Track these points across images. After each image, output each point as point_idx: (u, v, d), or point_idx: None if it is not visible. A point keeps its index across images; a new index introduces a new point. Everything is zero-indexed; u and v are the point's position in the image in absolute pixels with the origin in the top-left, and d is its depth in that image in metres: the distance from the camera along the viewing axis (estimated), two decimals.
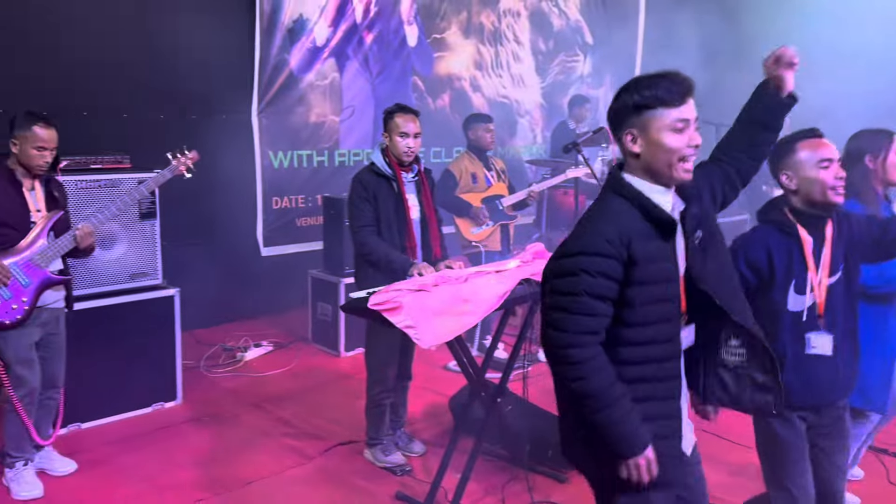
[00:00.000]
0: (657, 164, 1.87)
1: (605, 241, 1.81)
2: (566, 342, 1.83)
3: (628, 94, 1.87)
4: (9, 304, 3.15)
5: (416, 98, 6.91)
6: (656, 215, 1.86)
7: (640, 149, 1.88)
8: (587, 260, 1.81)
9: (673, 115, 1.83)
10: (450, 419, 4.03)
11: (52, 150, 3.21)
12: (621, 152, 1.94)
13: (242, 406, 4.37)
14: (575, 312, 1.82)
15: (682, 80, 1.86)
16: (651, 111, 1.84)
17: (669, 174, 1.87)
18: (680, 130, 1.84)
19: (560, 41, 8.36)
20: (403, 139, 3.46)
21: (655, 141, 1.85)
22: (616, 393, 1.83)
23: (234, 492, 3.37)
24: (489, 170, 5.19)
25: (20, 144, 3.15)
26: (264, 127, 5.89)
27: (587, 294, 1.81)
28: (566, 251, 1.88)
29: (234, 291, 5.79)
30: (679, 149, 1.84)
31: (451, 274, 3.13)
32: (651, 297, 1.86)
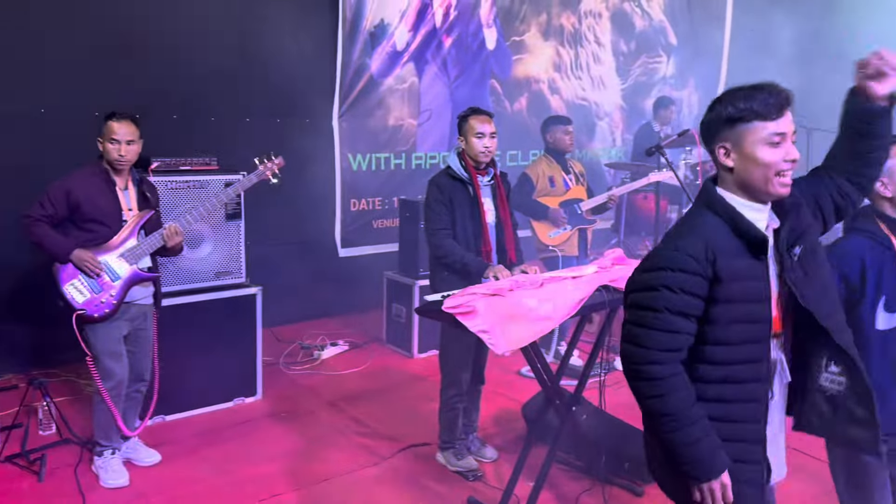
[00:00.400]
0: (752, 179, 1.79)
1: (688, 257, 1.75)
2: (644, 359, 1.79)
3: (722, 106, 1.80)
4: (98, 298, 3.31)
5: (494, 101, 6.90)
6: (747, 232, 1.79)
7: (733, 163, 1.80)
8: (669, 276, 1.76)
9: (769, 129, 1.75)
10: (522, 425, 3.99)
11: (126, 143, 3.30)
12: (715, 165, 1.87)
13: (318, 404, 4.45)
14: (655, 328, 1.78)
15: (780, 91, 1.77)
16: (745, 124, 1.77)
17: (765, 189, 1.79)
18: (776, 144, 1.76)
19: (642, 42, 8.18)
20: (480, 139, 3.45)
21: (750, 155, 1.77)
22: (693, 414, 1.77)
23: (309, 488, 3.43)
24: (567, 173, 5.11)
25: (102, 141, 3.31)
26: (344, 130, 6.00)
27: (668, 311, 1.76)
28: (649, 265, 1.83)
29: (313, 291, 5.91)
30: (775, 163, 1.76)
31: (527, 279, 3.09)
32: (737, 316, 1.78)
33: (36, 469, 3.43)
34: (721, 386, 1.81)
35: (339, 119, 5.96)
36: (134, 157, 3.37)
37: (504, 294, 2.89)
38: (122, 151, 3.30)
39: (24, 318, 4.67)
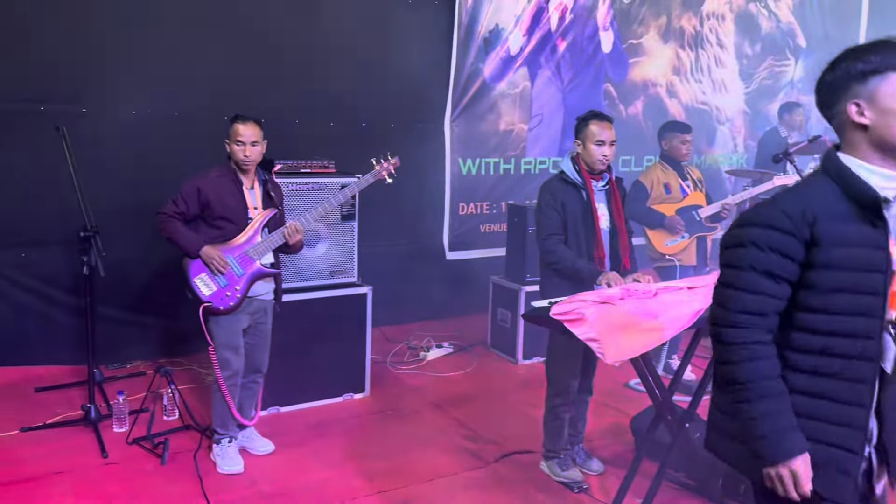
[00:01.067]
0: (891, 134, 1.65)
1: (782, 214, 1.65)
2: (725, 320, 1.71)
3: (849, 62, 1.69)
4: (224, 291, 3.48)
5: (608, 105, 6.76)
6: (859, 194, 1.65)
7: (868, 120, 1.67)
8: (758, 232, 1.67)
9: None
10: (630, 439, 3.87)
11: (251, 145, 3.45)
12: (837, 129, 1.75)
13: (423, 404, 4.50)
14: (738, 288, 1.69)
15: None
16: (880, 76, 1.64)
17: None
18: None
19: (768, 44, 7.78)
20: (599, 147, 3.37)
21: (889, 108, 1.64)
22: (770, 387, 1.65)
23: (414, 487, 3.47)
24: (684, 179, 4.92)
25: (228, 142, 3.48)
26: (456, 135, 6.05)
27: (753, 269, 1.66)
28: (742, 220, 1.74)
29: (420, 292, 6.00)
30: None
31: (640, 287, 3.00)
32: (840, 285, 1.64)
33: (159, 452, 3.65)
34: (818, 358, 1.68)
35: (451, 124, 6.01)
36: (258, 158, 3.53)
37: (615, 302, 2.82)
38: (246, 152, 3.46)
39: (154, 310, 5.00)
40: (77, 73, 4.56)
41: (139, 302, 4.97)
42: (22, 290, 4.64)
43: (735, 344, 1.68)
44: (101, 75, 4.60)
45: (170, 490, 3.36)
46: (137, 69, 4.65)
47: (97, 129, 4.59)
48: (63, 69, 4.52)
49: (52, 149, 4.12)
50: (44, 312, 4.71)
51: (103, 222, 4.03)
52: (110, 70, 4.61)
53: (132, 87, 4.66)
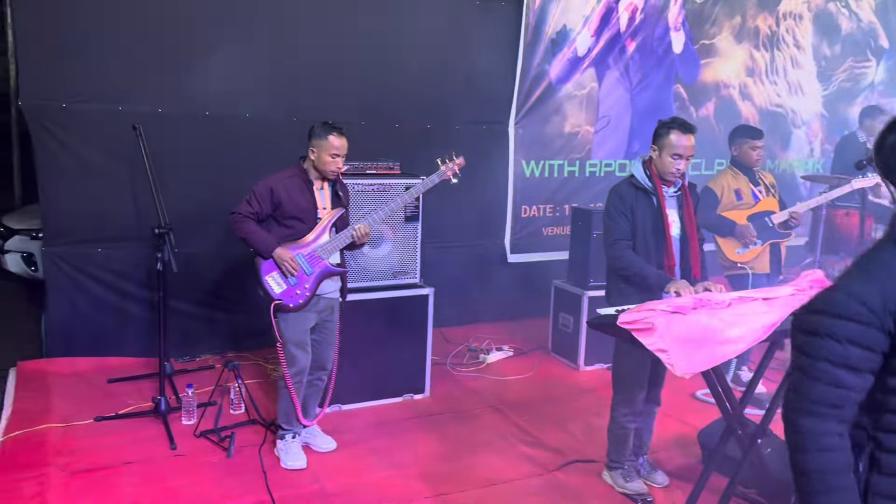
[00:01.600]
0: None
1: (859, 305, 1.51)
2: (798, 407, 1.58)
3: None
4: (294, 289, 3.54)
5: (678, 106, 6.59)
6: None
7: None
8: (834, 324, 1.53)
9: None
10: (696, 452, 3.76)
11: (343, 157, 3.55)
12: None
13: (483, 407, 4.47)
14: (814, 379, 1.56)
15: None
16: None
17: None
18: None
19: (848, 45, 7.45)
20: (675, 160, 3.26)
21: None
22: (840, 482, 1.54)
23: (474, 491, 3.45)
24: (756, 185, 4.75)
25: (317, 151, 3.52)
26: (520, 137, 6.00)
27: (829, 362, 1.54)
28: (816, 306, 1.60)
29: (481, 294, 5.98)
30: None
31: (712, 297, 2.90)
32: None
33: (226, 445, 3.73)
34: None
35: (516, 126, 5.96)
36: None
37: (686, 312, 2.73)
38: (340, 165, 3.54)
39: (224, 305, 5.13)
40: (154, 73, 4.70)
41: (209, 297, 5.10)
42: (99, 285, 4.82)
43: (807, 433, 1.58)
44: (177, 75, 4.74)
45: (235, 483, 3.43)
46: (212, 70, 4.76)
47: (173, 129, 4.72)
48: (140, 69, 4.67)
49: (130, 148, 4.27)
50: (118, 306, 4.88)
51: (177, 220, 4.15)
52: (186, 70, 4.74)
53: (206, 88, 4.78)
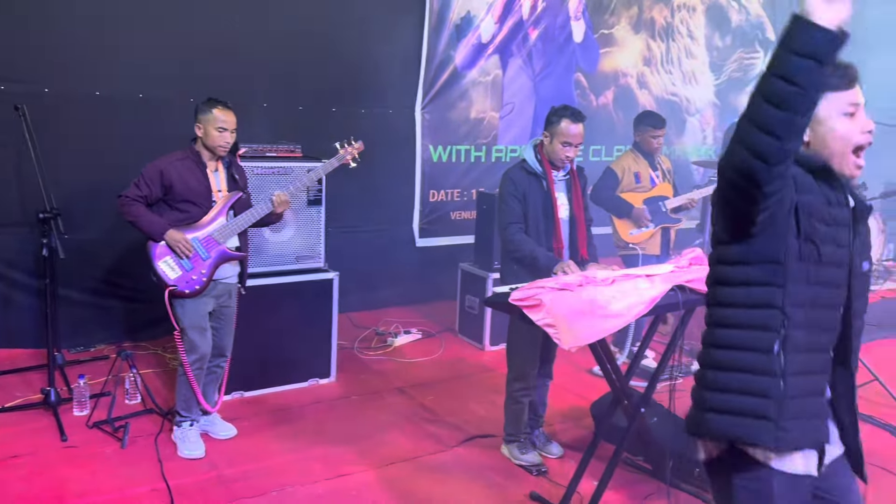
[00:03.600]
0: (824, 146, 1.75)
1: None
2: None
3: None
4: (189, 275, 3.47)
5: (579, 95, 6.80)
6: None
7: (807, 137, 1.74)
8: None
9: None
10: (590, 424, 3.93)
11: (231, 132, 3.48)
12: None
13: (389, 389, 4.53)
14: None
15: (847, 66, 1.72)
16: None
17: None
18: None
19: (738, 37, 7.86)
20: (565, 147, 3.39)
21: (822, 120, 1.73)
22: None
23: (375, 470, 3.50)
24: (654, 169, 4.97)
25: (204, 127, 3.46)
26: (427, 122, 6.05)
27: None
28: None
29: (390, 279, 6.02)
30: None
31: (598, 275, 3.04)
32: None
33: (120, 436, 3.63)
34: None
35: (422, 110, 6.01)
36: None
37: (573, 289, 2.85)
38: (227, 138, 3.47)
39: (119, 293, 4.96)
40: (38, 51, 4.48)
41: (104, 285, 4.92)
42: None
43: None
44: (64, 55, 4.53)
45: (129, 473, 3.35)
46: (101, 50, 4.58)
47: (59, 110, 4.52)
48: (24, 48, 4.44)
49: (13, 129, 4.06)
50: (5, 295, 4.65)
51: (66, 204, 3.99)
52: (73, 49, 4.55)
53: (95, 68, 4.60)
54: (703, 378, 1.81)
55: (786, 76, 1.45)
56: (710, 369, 1.79)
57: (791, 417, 1.69)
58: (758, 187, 1.53)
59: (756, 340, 1.71)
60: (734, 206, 1.65)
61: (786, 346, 1.68)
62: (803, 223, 1.66)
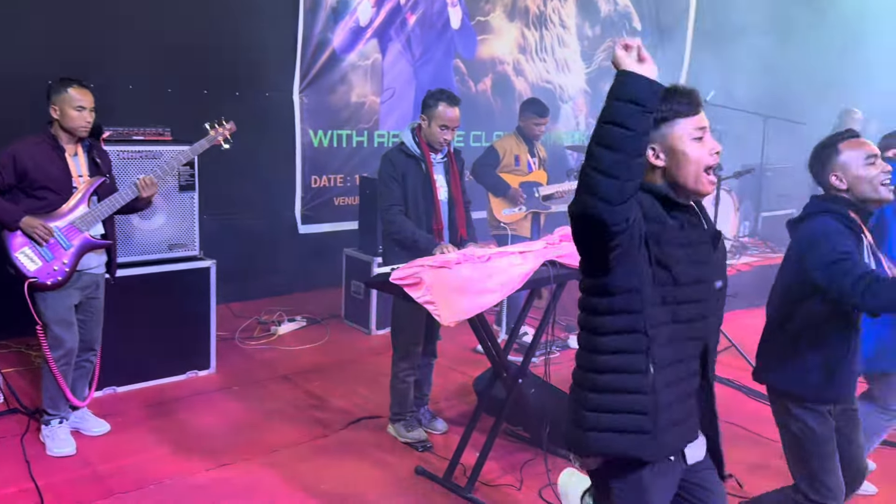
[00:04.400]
0: (680, 174, 1.86)
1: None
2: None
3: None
4: (50, 265, 3.27)
5: (458, 81, 6.91)
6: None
7: (662, 162, 1.86)
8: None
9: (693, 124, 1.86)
10: (474, 400, 4.05)
11: (90, 111, 3.30)
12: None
13: (273, 378, 4.46)
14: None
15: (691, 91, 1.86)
16: (667, 123, 1.84)
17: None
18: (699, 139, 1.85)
19: (607, 26, 8.24)
20: (443, 131, 3.46)
21: (676, 150, 1.85)
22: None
23: (258, 458, 3.46)
24: (533, 156, 5.16)
25: (59, 107, 3.26)
26: (305, 105, 5.97)
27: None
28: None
29: (272, 266, 5.91)
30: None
31: (474, 252, 3.13)
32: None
33: None
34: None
35: (301, 94, 5.92)
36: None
37: (451, 266, 2.93)
38: (88, 118, 3.29)
39: None
40: None
41: None
42: None
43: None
44: None
45: None
46: None
47: None
48: None
49: None
50: None
51: None
52: None
53: None
54: (582, 399, 1.88)
55: (617, 122, 1.58)
56: (587, 391, 1.87)
57: (666, 427, 1.83)
58: (605, 227, 1.63)
59: (626, 362, 1.82)
60: (588, 246, 1.76)
61: (654, 363, 1.81)
62: (654, 251, 1.78)
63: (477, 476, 3.20)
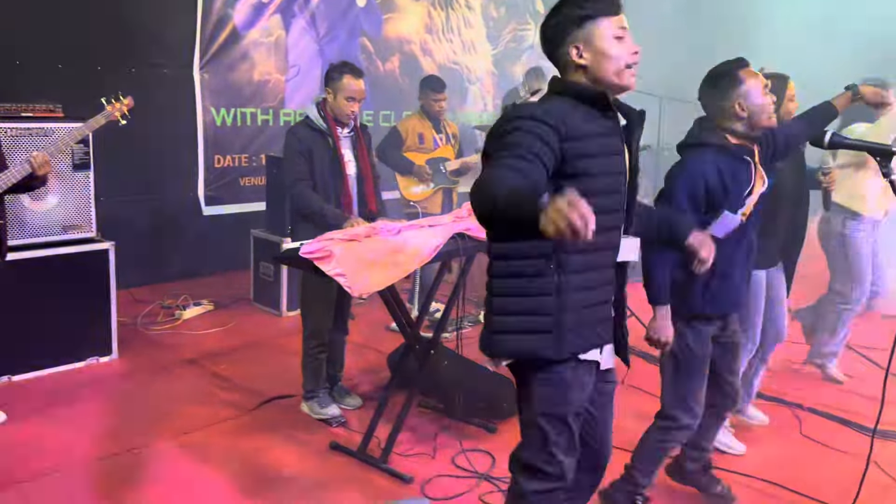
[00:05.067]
0: (603, 71, 1.91)
1: (545, 113, 1.85)
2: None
3: (569, 9, 1.91)
4: None
5: (365, 60, 6.86)
6: (591, 94, 1.95)
7: (586, 61, 1.91)
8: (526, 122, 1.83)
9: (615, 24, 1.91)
10: (388, 375, 4.09)
11: None
12: (561, 70, 1.99)
13: (179, 362, 4.35)
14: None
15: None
16: (592, 21, 1.89)
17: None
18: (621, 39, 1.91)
19: (511, 8, 8.37)
20: (350, 102, 3.44)
21: (600, 50, 1.90)
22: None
23: (168, 442, 3.38)
24: (439, 132, 5.19)
25: None
26: (206, 83, 5.79)
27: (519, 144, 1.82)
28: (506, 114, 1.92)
29: (176, 250, 5.74)
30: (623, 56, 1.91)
31: (385, 226, 3.16)
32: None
33: None
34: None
35: (201, 71, 5.73)
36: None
37: (360, 240, 2.95)
38: None
39: None
40: None
41: None
42: None
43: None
44: None
45: None
46: None
47: None
48: None
49: None
50: None
51: None
52: None
53: None
54: (491, 304, 2.00)
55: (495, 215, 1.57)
56: (496, 296, 1.99)
57: (571, 328, 1.92)
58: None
59: (533, 267, 1.90)
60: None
61: (563, 268, 1.89)
62: (574, 164, 1.83)
63: (391, 447, 3.25)
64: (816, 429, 3.70)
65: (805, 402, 3.96)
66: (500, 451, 3.34)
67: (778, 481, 3.14)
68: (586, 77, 1.92)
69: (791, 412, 3.87)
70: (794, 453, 3.47)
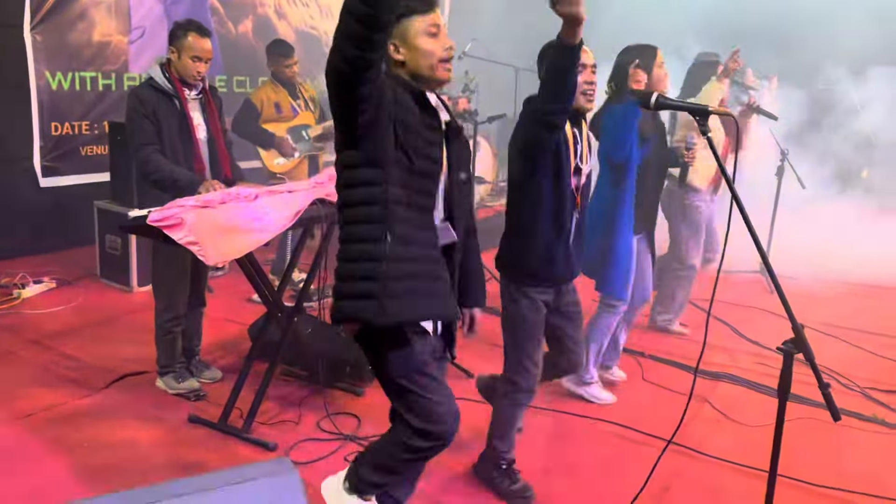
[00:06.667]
0: (419, 66, 2.03)
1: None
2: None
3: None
4: None
5: (216, 22, 6.56)
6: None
7: (403, 57, 2.03)
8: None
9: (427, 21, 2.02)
10: (249, 347, 4.01)
11: None
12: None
13: (19, 343, 4.05)
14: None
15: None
16: (406, 19, 2.00)
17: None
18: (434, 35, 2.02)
19: None
20: (196, 62, 3.29)
21: (413, 46, 2.01)
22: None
23: (11, 424, 3.15)
24: (296, 99, 5.06)
25: None
26: (39, 44, 5.32)
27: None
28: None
29: (10, 225, 5.30)
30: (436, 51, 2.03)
31: (241, 191, 3.07)
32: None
33: None
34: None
35: (32, 31, 5.25)
36: None
37: (215, 206, 2.86)
38: None
39: None
40: None
41: None
42: None
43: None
44: None
45: None
46: None
47: None
48: None
49: None
50: None
51: None
52: None
53: None
54: (336, 270, 2.06)
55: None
56: (340, 262, 2.05)
57: (396, 296, 1.99)
58: (350, 87, 1.80)
59: (368, 232, 1.98)
60: (337, 104, 1.90)
61: (393, 236, 1.98)
62: (401, 136, 1.94)
63: (254, 417, 3.21)
64: (656, 374, 4.04)
65: (647, 350, 4.31)
66: (367, 413, 3.40)
67: (624, 422, 3.42)
68: (405, 71, 2.03)
69: (634, 360, 4.19)
70: (637, 397, 3.78)
